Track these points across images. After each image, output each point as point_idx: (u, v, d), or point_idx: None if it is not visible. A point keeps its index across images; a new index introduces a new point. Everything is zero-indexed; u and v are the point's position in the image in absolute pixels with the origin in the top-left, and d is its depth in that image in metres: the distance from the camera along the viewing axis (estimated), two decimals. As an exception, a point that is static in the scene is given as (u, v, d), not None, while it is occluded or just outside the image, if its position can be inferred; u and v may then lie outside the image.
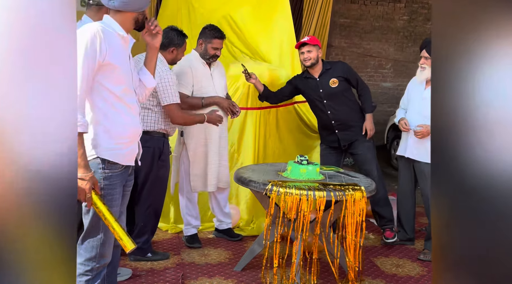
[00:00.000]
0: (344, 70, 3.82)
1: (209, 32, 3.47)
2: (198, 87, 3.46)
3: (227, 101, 3.54)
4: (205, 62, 3.51)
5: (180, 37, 3.21)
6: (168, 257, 3.34)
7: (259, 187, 2.86)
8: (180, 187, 3.65)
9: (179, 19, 4.97)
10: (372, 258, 3.64)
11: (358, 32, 9.19)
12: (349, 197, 2.79)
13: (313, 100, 3.85)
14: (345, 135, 3.83)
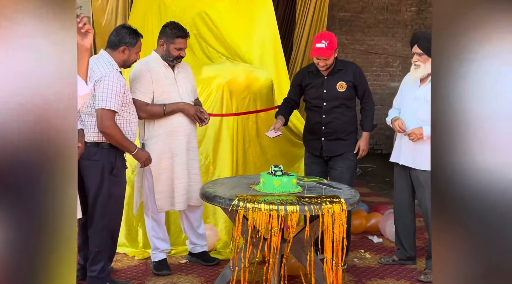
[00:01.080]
0: (355, 75, 3.75)
1: (171, 31, 3.45)
2: (160, 93, 3.43)
3: (194, 108, 3.50)
4: (167, 65, 3.49)
5: (132, 36, 3.18)
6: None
7: (225, 202, 2.81)
8: (144, 206, 3.61)
9: (149, 18, 4.99)
10: (365, 280, 3.57)
11: (361, 26, 9.18)
12: (326, 211, 2.74)
13: (311, 100, 3.79)
14: (330, 146, 3.77)
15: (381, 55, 9.29)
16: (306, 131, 3.95)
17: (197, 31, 4.81)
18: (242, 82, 4.17)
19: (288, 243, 2.78)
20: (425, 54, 3.54)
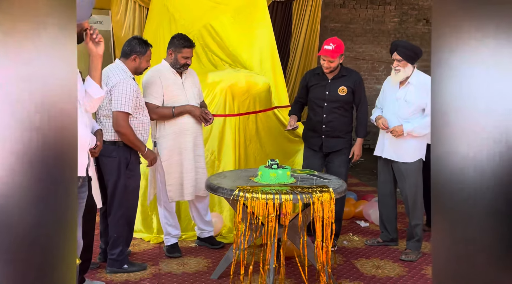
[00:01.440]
0: (356, 82, 3.71)
1: (178, 41, 3.45)
2: (169, 96, 3.43)
3: (199, 110, 3.50)
4: (175, 72, 3.49)
5: (142, 45, 3.19)
6: (145, 268, 3.30)
7: (227, 193, 2.81)
8: (157, 197, 3.62)
9: (161, 31, 4.98)
10: (352, 260, 3.56)
11: (350, 36, 9.14)
12: (316, 199, 2.73)
13: (314, 100, 3.76)
14: (329, 143, 3.73)
15: (368, 61, 9.26)
16: (308, 129, 3.89)
17: (203, 41, 4.81)
18: (243, 86, 4.16)
19: (285, 228, 2.78)
20: (404, 60, 3.52)
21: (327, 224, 2.78)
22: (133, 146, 3.12)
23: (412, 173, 3.55)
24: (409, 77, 3.55)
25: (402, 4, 9.21)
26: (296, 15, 8.05)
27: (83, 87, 2.21)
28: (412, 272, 3.34)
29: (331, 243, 2.83)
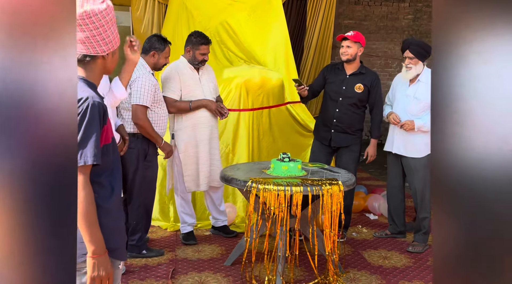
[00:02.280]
0: (372, 81, 3.72)
1: (195, 39, 3.55)
2: (187, 91, 3.54)
3: (215, 104, 3.60)
4: (193, 67, 3.59)
5: (161, 42, 3.30)
6: (163, 254, 3.42)
7: (240, 184, 2.91)
8: (174, 187, 3.74)
9: (179, 27, 5.08)
10: (360, 250, 3.64)
11: (363, 32, 9.04)
12: (326, 191, 2.82)
13: (330, 93, 3.78)
14: (338, 138, 3.77)
15: (381, 58, 9.24)
16: (319, 122, 3.91)
17: (220, 38, 4.89)
18: (257, 82, 4.25)
19: (295, 218, 2.87)
20: (416, 57, 3.57)
21: (335, 216, 2.87)
22: (151, 138, 3.24)
23: (420, 168, 3.61)
24: (420, 74, 3.59)
25: (416, 1, 9.16)
26: (311, 12, 8.07)
27: (107, 84, 2.32)
28: (418, 263, 3.41)
29: (338, 234, 2.91)
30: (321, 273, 3.11)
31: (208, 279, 3.07)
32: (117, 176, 1.63)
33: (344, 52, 3.66)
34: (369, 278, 3.14)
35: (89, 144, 1.46)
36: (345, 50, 3.65)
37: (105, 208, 1.54)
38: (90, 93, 1.52)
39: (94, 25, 1.51)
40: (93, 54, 1.57)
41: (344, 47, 3.66)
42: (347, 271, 3.24)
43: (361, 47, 3.69)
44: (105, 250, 1.52)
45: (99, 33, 1.53)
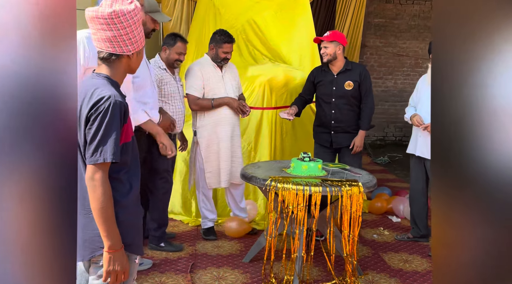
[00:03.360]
0: (361, 75, 3.73)
1: (219, 37, 3.59)
2: (209, 89, 3.59)
3: (237, 102, 3.64)
4: (216, 65, 3.64)
5: (171, 38, 3.40)
6: (182, 249, 3.47)
7: (260, 182, 2.93)
8: (196, 183, 3.79)
9: (206, 25, 5.13)
10: (381, 253, 3.61)
11: (394, 31, 8.99)
12: (345, 193, 2.80)
13: (321, 96, 3.81)
14: (339, 138, 3.78)
15: (411, 57, 9.07)
16: (317, 125, 3.92)
17: (246, 36, 4.92)
18: (280, 81, 4.25)
19: (313, 218, 2.87)
20: None
21: (355, 217, 2.85)
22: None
23: (444, 171, 3.54)
24: (446, 76, 3.52)
25: (450, 0, 8.94)
26: (340, 10, 8.00)
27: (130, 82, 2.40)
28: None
29: (318, 233, 2.90)
30: (340, 274, 3.10)
31: (226, 274, 3.11)
32: (135, 172, 1.67)
33: (323, 53, 3.71)
34: (388, 281, 3.11)
35: (109, 141, 1.51)
36: (323, 51, 3.70)
37: (123, 204, 1.59)
38: (112, 92, 1.57)
39: (122, 25, 1.56)
40: (119, 53, 1.61)
41: (322, 48, 3.71)
42: (366, 273, 3.22)
43: (340, 45, 3.69)
44: (122, 245, 1.57)
45: (126, 33, 1.58)
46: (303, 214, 2.83)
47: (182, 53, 3.42)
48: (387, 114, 8.94)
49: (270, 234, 3.00)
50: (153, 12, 2.91)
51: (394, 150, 8.43)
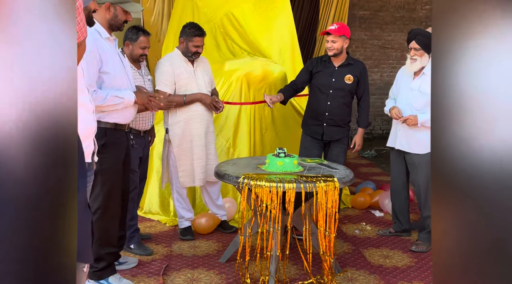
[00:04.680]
0: (361, 71, 3.69)
1: (189, 30, 3.48)
2: (181, 84, 3.49)
3: (210, 98, 3.54)
4: (187, 60, 3.53)
5: (133, 32, 3.28)
6: (151, 254, 3.32)
7: (232, 180, 2.84)
8: (170, 182, 3.69)
9: (184, 19, 5.01)
10: (362, 249, 3.53)
11: (379, 23, 8.91)
12: (320, 189, 2.72)
13: (319, 86, 3.71)
14: (330, 131, 3.71)
15: (397, 50, 9.01)
16: (309, 116, 3.82)
17: (224, 29, 4.82)
18: (258, 75, 4.16)
19: (288, 216, 2.79)
20: (422, 49, 3.42)
21: (330, 213, 2.77)
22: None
23: (424, 164, 3.47)
24: (425, 67, 3.45)
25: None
26: (324, 2, 7.90)
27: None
28: (420, 263, 3.28)
29: (334, 232, 2.82)
30: (319, 272, 3.03)
31: (200, 276, 3.02)
32: (81, 173, 1.57)
33: (330, 47, 3.60)
34: (367, 278, 3.04)
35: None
36: (331, 45, 3.58)
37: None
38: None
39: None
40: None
41: (329, 42, 3.59)
42: (345, 270, 3.14)
43: (347, 39, 3.61)
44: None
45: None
46: (277, 212, 2.74)
47: (146, 47, 3.31)
48: (373, 107, 8.83)
49: (244, 233, 2.91)
50: (123, 3, 2.78)
51: (381, 143, 8.38)
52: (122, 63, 2.80)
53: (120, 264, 3.01)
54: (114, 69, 2.70)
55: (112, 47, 2.74)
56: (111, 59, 2.68)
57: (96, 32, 2.64)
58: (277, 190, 2.70)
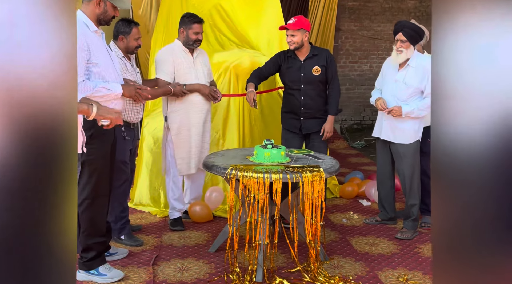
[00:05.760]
0: (327, 59, 3.71)
1: (187, 19, 3.59)
2: (180, 74, 3.58)
3: (208, 88, 3.63)
4: (187, 50, 3.61)
5: (126, 25, 3.32)
6: (142, 244, 3.37)
7: (220, 171, 2.88)
8: (167, 171, 3.73)
9: (173, 11, 5.01)
10: (348, 237, 3.60)
11: (368, 14, 8.95)
12: (306, 179, 2.77)
13: (289, 83, 3.76)
14: (308, 124, 3.75)
15: (386, 40, 9.05)
16: (285, 111, 3.85)
17: (213, 21, 4.82)
18: (246, 67, 4.18)
19: (275, 206, 2.84)
20: (408, 41, 3.47)
21: (316, 203, 2.83)
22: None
23: (409, 154, 3.54)
24: (410, 59, 3.50)
25: (423, -18, 8.92)
26: (313, -6, 7.91)
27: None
28: (405, 250, 3.36)
29: (320, 221, 2.88)
30: (306, 261, 3.09)
31: (190, 265, 3.07)
32: None
33: (290, 41, 3.62)
34: (353, 265, 3.11)
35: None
36: (290, 39, 3.61)
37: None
38: None
39: None
40: None
41: (288, 36, 3.62)
42: (331, 258, 3.21)
43: (306, 32, 3.63)
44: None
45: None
46: (265, 202, 2.79)
47: (139, 37, 3.39)
48: (363, 98, 8.93)
49: (232, 223, 2.96)
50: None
51: (371, 133, 8.41)
52: (110, 56, 2.82)
53: (110, 255, 3.06)
54: (102, 61, 2.73)
55: (100, 40, 2.76)
56: (99, 51, 2.71)
57: (84, 25, 2.67)
58: (264, 181, 2.75)
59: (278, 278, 2.88)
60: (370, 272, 3.00)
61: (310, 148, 3.74)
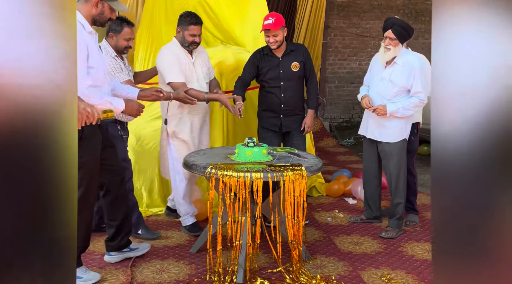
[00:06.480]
0: (305, 54, 3.66)
1: (185, 19, 3.40)
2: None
3: (231, 105, 3.40)
4: (186, 51, 3.46)
5: (117, 24, 3.21)
6: (159, 237, 3.42)
7: (200, 170, 2.82)
8: (172, 177, 3.60)
9: (157, 8, 4.93)
10: (333, 236, 3.56)
11: (357, 11, 8.91)
12: (287, 178, 2.72)
13: (269, 80, 3.67)
14: (288, 121, 3.69)
15: (375, 38, 9.03)
16: (264, 110, 3.75)
17: (197, 18, 4.75)
18: (231, 64, 4.12)
19: (256, 205, 2.79)
20: (397, 39, 3.42)
21: (298, 202, 2.78)
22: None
23: (395, 153, 3.50)
24: (397, 57, 3.45)
25: (412, -21, 8.90)
26: (302, -9, 7.86)
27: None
28: (389, 249, 3.33)
29: (302, 221, 2.83)
30: (289, 261, 3.04)
31: (170, 267, 3.01)
32: None
33: (272, 41, 3.53)
34: (336, 265, 3.07)
35: None
36: (273, 39, 3.52)
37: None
38: None
39: None
40: None
41: (270, 37, 3.52)
42: (314, 257, 3.16)
43: (285, 28, 3.59)
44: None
45: None
46: (246, 201, 2.74)
47: (131, 38, 3.25)
48: (352, 95, 8.90)
49: (211, 222, 2.91)
50: (112, 1, 2.72)
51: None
52: (101, 58, 2.78)
53: (130, 251, 3.04)
54: (97, 64, 2.67)
55: (94, 42, 2.70)
56: (95, 53, 2.65)
57: (79, 25, 2.58)
58: (244, 180, 2.70)
59: (259, 278, 2.83)
60: (353, 272, 2.95)
61: (290, 145, 3.69)
